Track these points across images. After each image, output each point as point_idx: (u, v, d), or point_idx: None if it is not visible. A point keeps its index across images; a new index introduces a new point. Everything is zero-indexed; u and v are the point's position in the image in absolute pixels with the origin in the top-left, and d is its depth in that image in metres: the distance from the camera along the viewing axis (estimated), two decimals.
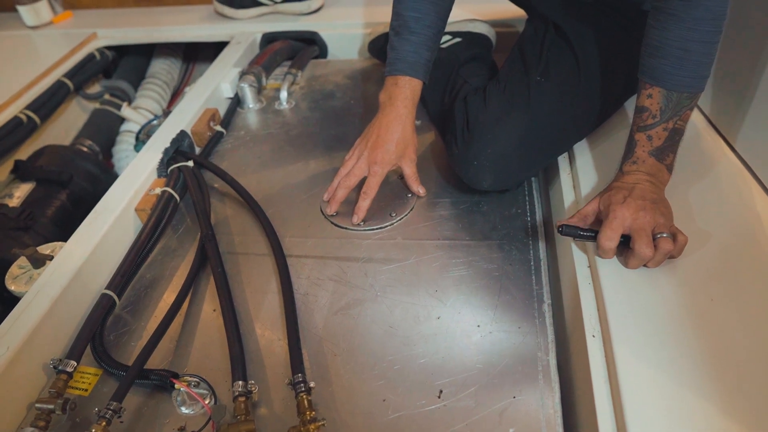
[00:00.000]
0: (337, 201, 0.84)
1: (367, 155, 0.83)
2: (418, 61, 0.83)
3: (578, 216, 0.69)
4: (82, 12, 1.63)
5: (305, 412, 0.56)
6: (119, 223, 0.82)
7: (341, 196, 0.83)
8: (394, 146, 0.82)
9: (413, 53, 0.83)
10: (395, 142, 0.83)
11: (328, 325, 0.69)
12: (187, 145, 1.01)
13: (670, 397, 0.51)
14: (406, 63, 0.83)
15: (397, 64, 0.83)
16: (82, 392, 0.64)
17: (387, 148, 0.82)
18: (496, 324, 0.67)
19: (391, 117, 0.83)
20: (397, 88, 0.83)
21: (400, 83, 0.83)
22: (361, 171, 0.83)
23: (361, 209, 0.82)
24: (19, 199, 1.03)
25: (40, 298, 0.68)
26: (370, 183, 0.82)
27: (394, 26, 0.84)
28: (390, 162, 0.83)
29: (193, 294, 0.75)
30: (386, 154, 0.82)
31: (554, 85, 0.80)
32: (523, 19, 0.99)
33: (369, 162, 0.83)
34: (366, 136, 0.86)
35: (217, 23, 1.45)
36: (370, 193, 0.82)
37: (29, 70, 1.29)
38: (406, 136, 0.84)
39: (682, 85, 0.63)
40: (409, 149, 0.85)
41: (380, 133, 0.83)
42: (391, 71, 0.84)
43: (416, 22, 0.82)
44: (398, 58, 0.83)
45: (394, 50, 0.84)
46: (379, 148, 0.82)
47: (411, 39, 0.82)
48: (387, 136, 0.83)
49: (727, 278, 0.61)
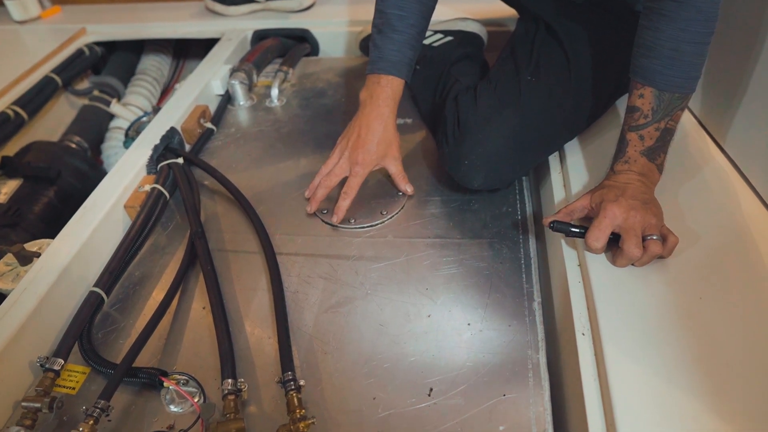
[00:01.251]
0: (317, 200, 0.83)
1: (348, 155, 0.82)
2: (401, 60, 0.82)
3: (565, 211, 0.69)
4: (70, 7, 1.61)
5: (295, 411, 0.56)
6: (108, 220, 0.81)
7: (321, 195, 0.83)
8: (376, 146, 0.82)
9: (396, 52, 0.82)
10: (377, 142, 0.82)
11: (318, 323, 0.69)
12: (177, 142, 1.00)
13: (659, 395, 0.51)
14: (388, 62, 0.82)
15: (380, 63, 0.82)
16: (69, 391, 0.64)
17: (368, 148, 0.81)
18: (487, 322, 0.67)
19: (373, 116, 0.82)
20: (379, 86, 0.82)
21: (382, 82, 0.82)
22: (342, 171, 0.83)
23: (341, 209, 0.82)
24: (5, 195, 1.02)
25: (26, 295, 0.67)
26: (350, 183, 0.82)
27: (377, 24, 0.83)
28: (371, 162, 0.82)
29: (183, 292, 0.74)
30: (367, 155, 0.81)
31: (545, 85, 0.80)
32: (514, 18, 0.99)
33: (350, 162, 0.82)
34: (347, 134, 0.85)
35: (208, 20, 1.44)
36: (350, 193, 0.81)
37: (17, 65, 1.27)
38: (389, 135, 0.83)
39: (673, 86, 0.64)
40: (392, 148, 0.84)
41: (361, 133, 0.82)
42: (373, 70, 0.83)
43: (400, 21, 0.81)
44: (381, 57, 0.82)
45: (377, 49, 0.83)
46: (360, 148, 0.81)
47: (394, 37, 0.81)
48: (368, 136, 0.81)
49: (715, 277, 0.62)
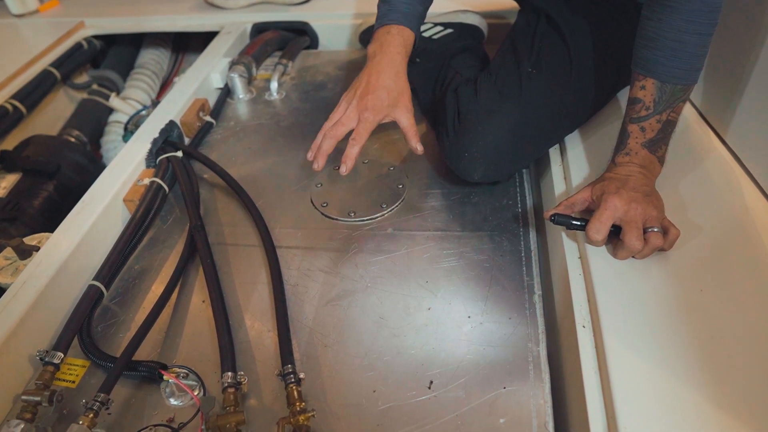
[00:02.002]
0: (324, 153, 0.76)
1: (356, 103, 0.76)
2: (411, 12, 0.80)
3: (566, 203, 0.68)
4: (69, 0, 1.60)
5: (295, 403, 0.56)
6: (107, 213, 0.81)
7: (328, 147, 0.76)
8: (386, 92, 0.76)
9: (407, 5, 0.80)
10: (387, 88, 0.76)
11: (318, 317, 0.69)
12: (176, 136, 1.00)
13: (659, 387, 0.51)
14: (399, 13, 0.80)
15: (391, 15, 0.80)
16: (69, 384, 0.64)
17: (378, 94, 0.75)
18: (487, 315, 0.67)
19: (384, 63, 0.77)
20: (390, 35, 0.79)
21: (393, 31, 0.79)
22: (349, 120, 0.76)
23: (349, 157, 0.75)
24: (4, 189, 1.02)
25: (26, 289, 0.67)
26: (359, 129, 0.75)
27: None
28: (382, 109, 0.75)
29: (182, 285, 0.74)
30: (377, 100, 0.75)
31: (546, 77, 0.80)
32: (514, 10, 0.99)
33: (359, 109, 0.75)
34: (354, 85, 0.79)
35: (207, 13, 1.43)
36: (359, 139, 0.75)
37: (15, 59, 1.27)
38: (401, 83, 0.78)
39: (676, 77, 0.63)
40: (404, 97, 0.78)
41: (371, 80, 0.76)
42: (383, 22, 0.81)
43: None
44: (391, 9, 0.80)
45: (387, 3, 0.81)
46: (370, 94, 0.75)
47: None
48: (378, 82, 0.76)
49: (717, 269, 0.61)
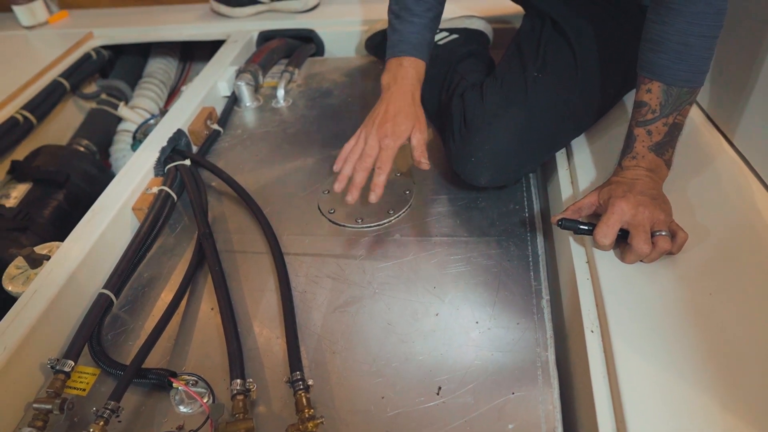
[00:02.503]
0: (358, 186, 0.78)
1: (375, 132, 0.79)
2: (421, 42, 0.83)
3: (573, 208, 0.68)
4: (77, 12, 1.62)
5: (304, 410, 0.56)
6: (116, 222, 0.82)
7: (361, 179, 0.78)
8: (404, 118, 0.79)
9: (416, 34, 0.83)
10: (404, 114, 0.79)
11: (326, 323, 0.69)
12: (184, 144, 1.00)
13: (669, 392, 0.51)
14: (409, 44, 0.83)
15: (401, 46, 0.84)
16: (79, 392, 0.64)
17: (396, 120, 0.79)
18: (495, 320, 0.67)
19: (398, 94, 0.81)
20: (403, 68, 0.83)
21: (405, 63, 0.83)
22: (373, 150, 0.78)
23: (378, 185, 0.77)
24: (15, 199, 1.03)
25: (37, 297, 0.68)
26: (382, 157, 0.77)
27: (394, 10, 0.85)
28: (401, 135, 0.78)
29: (191, 293, 0.75)
30: (396, 126, 0.78)
31: (552, 81, 0.80)
32: (519, 15, 0.99)
33: (379, 137, 0.78)
34: (372, 115, 0.82)
35: (214, 22, 1.45)
36: (384, 167, 0.77)
37: (25, 70, 1.28)
38: (417, 110, 0.81)
39: (681, 80, 0.63)
40: (420, 122, 0.81)
41: (388, 108, 0.80)
42: (394, 53, 0.84)
43: (417, 5, 0.83)
44: (401, 40, 0.83)
45: (396, 32, 0.84)
46: (388, 122, 0.79)
47: (413, 21, 0.83)
48: (395, 110, 0.80)
49: (725, 273, 0.61)
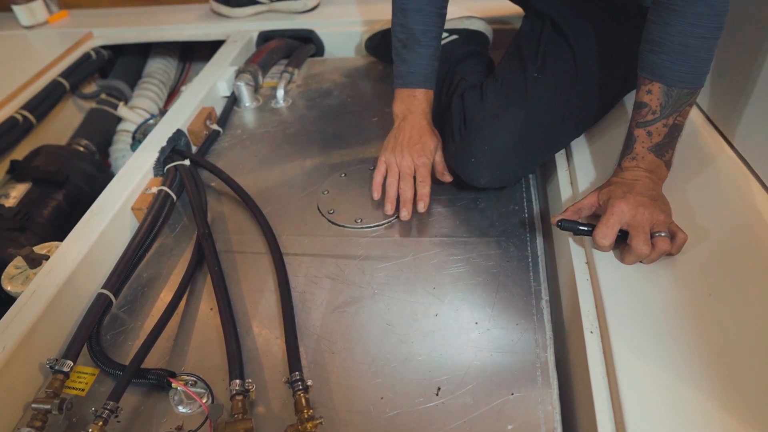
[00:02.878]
0: (409, 202, 0.83)
1: (408, 153, 0.84)
2: (431, 73, 0.87)
3: (572, 209, 0.68)
4: (77, 11, 1.62)
5: (303, 411, 0.56)
6: (115, 222, 0.82)
7: (410, 195, 0.83)
8: (429, 139, 0.85)
9: (426, 66, 0.86)
10: (428, 136, 0.85)
11: (325, 323, 0.69)
12: (183, 144, 1.00)
13: (668, 392, 0.51)
14: (421, 77, 0.87)
15: (412, 78, 0.87)
16: (78, 392, 0.64)
17: (424, 140, 0.84)
18: (494, 321, 0.67)
19: (416, 125, 0.86)
20: (416, 100, 0.87)
21: (418, 95, 0.87)
22: (410, 168, 0.83)
23: (426, 195, 0.82)
24: (15, 199, 1.03)
25: (36, 297, 0.68)
26: (422, 172, 0.83)
27: (401, 38, 0.86)
28: (431, 152, 0.85)
29: (190, 293, 0.75)
30: (425, 146, 0.84)
31: (551, 81, 0.80)
32: (519, 16, 0.99)
33: (413, 157, 0.84)
34: (393, 142, 0.86)
35: (213, 22, 1.45)
36: (426, 180, 0.83)
37: (25, 70, 1.28)
38: (435, 132, 0.87)
39: (682, 81, 0.63)
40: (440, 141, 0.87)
41: (412, 134, 0.85)
42: (406, 84, 0.88)
43: (425, 35, 0.84)
44: (412, 72, 0.87)
45: (406, 63, 0.87)
46: (417, 144, 0.84)
47: (422, 52, 0.85)
48: (419, 134, 0.85)
49: (725, 274, 0.61)
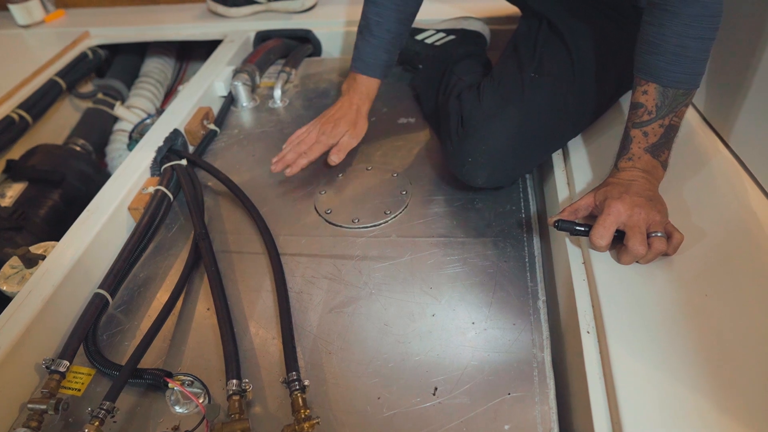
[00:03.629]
0: (285, 163, 0.90)
1: (318, 128, 0.92)
2: (375, 62, 0.93)
3: (569, 210, 0.69)
4: (74, 11, 1.62)
5: (300, 411, 0.56)
6: (112, 222, 0.82)
7: (291, 159, 0.90)
8: (344, 123, 0.92)
9: (371, 55, 0.92)
10: (345, 120, 0.92)
11: (322, 324, 0.69)
12: (180, 144, 1.00)
13: (664, 393, 0.51)
14: (364, 63, 0.93)
15: (357, 63, 0.94)
16: (75, 392, 0.64)
17: (338, 123, 0.92)
18: (491, 321, 0.67)
19: (345, 103, 0.94)
20: (356, 83, 0.95)
21: (358, 80, 0.95)
22: (310, 140, 0.91)
23: (297, 165, 0.89)
24: (11, 198, 1.03)
25: (32, 297, 0.68)
26: (313, 148, 0.90)
27: (360, 26, 0.93)
28: (336, 136, 0.91)
29: (187, 293, 0.75)
30: (335, 128, 0.91)
31: (548, 82, 0.80)
32: (517, 16, 0.99)
33: (318, 133, 0.92)
34: (323, 114, 0.95)
35: (211, 22, 1.44)
36: (310, 155, 0.90)
37: (21, 69, 1.28)
38: (357, 119, 0.93)
39: (677, 82, 0.63)
40: (356, 128, 0.93)
41: (334, 113, 0.94)
42: (352, 67, 0.95)
43: (377, 26, 0.90)
44: (358, 57, 0.94)
45: (357, 49, 0.94)
46: (330, 123, 0.92)
47: (371, 41, 0.91)
48: (337, 114, 0.93)
49: (721, 274, 0.61)
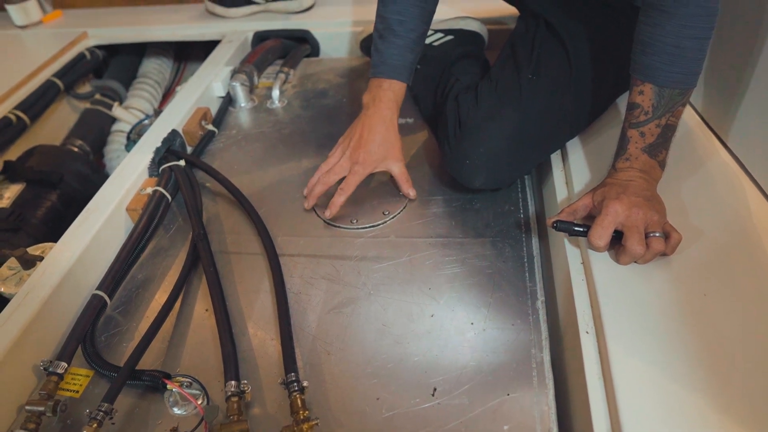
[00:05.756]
0: (314, 196, 0.84)
1: (349, 154, 0.84)
2: (402, 64, 0.84)
3: (567, 210, 0.69)
4: (72, 11, 1.61)
5: (298, 412, 0.56)
6: (110, 223, 0.81)
7: (318, 191, 0.84)
8: (377, 147, 0.83)
9: (397, 56, 0.84)
10: (378, 143, 0.83)
11: (321, 324, 0.69)
12: (178, 145, 1.00)
13: (663, 392, 0.51)
14: (390, 66, 0.84)
15: (381, 67, 0.85)
16: (73, 394, 0.64)
17: (370, 148, 0.82)
18: (490, 321, 0.67)
19: (375, 119, 0.83)
20: (381, 90, 0.85)
21: (384, 86, 0.85)
22: (342, 169, 0.83)
23: (335, 205, 0.82)
24: (8, 200, 1.02)
25: (30, 299, 0.67)
26: (348, 181, 0.82)
27: (379, 29, 0.85)
28: (372, 163, 0.83)
29: (185, 294, 0.74)
30: (368, 155, 0.82)
31: (546, 83, 0.80)
32: (514, 16, 0.99)
33: (351, 161, 0.83)
34: (349, 134, 0.86)
35: (209, 22, 1.44)
36: (346, 190, 0.82)
37: (19, 69, 1.28)
38: (390, 137, 0.84)
39: (674, 82, 0.63)
40: (394, 150, 0.84)
41: (363, 134, 0.83)
42: (375, 73, 0.86)
43: (400, 25, 0.83)
44: (382, 61, 0.85)
45: (379, 53, 0.85)
46: (362, 148, 0.82)
47: (395, 42, 0.84)
48: (370, 137, 0.83)
49: (719, 274, 0.61)
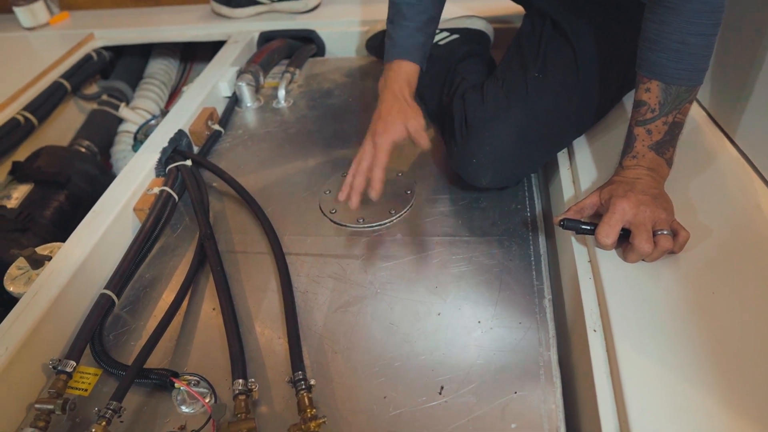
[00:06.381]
0: (357, 190, 0.77)
1: (369, 135, 0.80)
2: (412, 44, 0.85)
3: (575, 209, 0.68)
4: (78, 13, 1.62)
5: (306, 410, 0.56)
6: (118, 223, 0.82)
7: (359, 183, 0.77)
8: (394, 116, 0.80)
9: (407, 37, 0.85)
10: (394, 113, 0.80)
11: (328, 323, 0.69)
12: (185, 145, 1.00)
13: (671, 391, 0.51)
14: (400, 48, 0.85)
15: (393, 50, 0.86)
16: (81, 392, 0.64)
17: (387, 119, 0.80)
18: (497, 320, 0.67)
19: (388, 96, 0.83)
20: (392, 71, 0.85)
21: (394, 67, 0.85)
22: (368, 152, 0.79)
23: (375, 180, 0.76)
24: (17, 200, 1.03)
25: (38, 298, 0.68)
26: (377, 156, 0.77)
27: (390, 15, 0.86)
28: (392, 131, 0.78)
29: (193, 293, 0.75)
30: (387, 125, 0.79)
31: (552, 81, 0.80)
32: (520, 15, 0.99)
33: (372, 137, 0.79)
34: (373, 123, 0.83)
35: (215, 22, 1.45)
36: (379, 164, 0.77)
37: (26, 71, 1.29)
38: (405, 105, 0.82)
39: (680, 79, 0.63)
40: (411, 111, 0.81)
41: (381, 112, 0.81)
42: (388, 58, 0.86)
43: (409, 9, 0.84)
44: (393, 45, 0.86)
45: (390, 39, 0.86)
46: (380, 121, 0.80)
47: (405, 24, 0.84)
48: (385, 111, 0.81)
49: (728, 271, 0.61)
